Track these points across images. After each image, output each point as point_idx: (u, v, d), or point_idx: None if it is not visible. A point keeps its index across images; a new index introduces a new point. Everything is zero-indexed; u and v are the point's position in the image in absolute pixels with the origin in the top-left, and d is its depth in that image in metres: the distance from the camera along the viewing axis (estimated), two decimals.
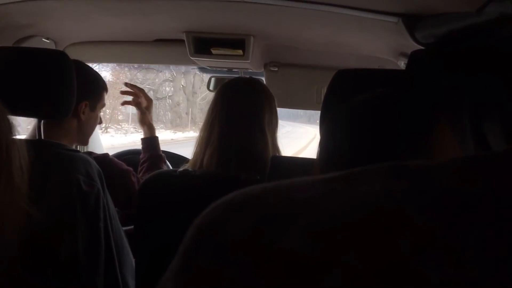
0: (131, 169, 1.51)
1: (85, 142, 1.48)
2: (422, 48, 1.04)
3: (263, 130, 1.24)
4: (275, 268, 0.24)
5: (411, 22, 1.02)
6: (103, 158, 1.40)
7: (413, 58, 0.95)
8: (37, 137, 1.18)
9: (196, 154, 1.25)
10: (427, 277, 0.22)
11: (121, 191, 1.42)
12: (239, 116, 1.24)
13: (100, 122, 1.52)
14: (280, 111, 1.42)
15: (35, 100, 1.12)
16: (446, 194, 0.25)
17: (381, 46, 1.45)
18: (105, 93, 1.49)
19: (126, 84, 1.75)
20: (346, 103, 0.69)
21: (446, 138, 0.59)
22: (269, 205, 0.27)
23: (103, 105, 1.48)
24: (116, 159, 1.50)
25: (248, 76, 1.95)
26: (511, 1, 0.66)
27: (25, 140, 1.22)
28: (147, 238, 1.21)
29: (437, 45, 0.98)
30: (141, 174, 1.58)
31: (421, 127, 0.58)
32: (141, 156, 1.65)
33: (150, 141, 1.67)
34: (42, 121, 1.19)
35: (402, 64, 1.42)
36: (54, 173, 1.11)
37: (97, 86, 1.44)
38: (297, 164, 1.17)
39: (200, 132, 1.28)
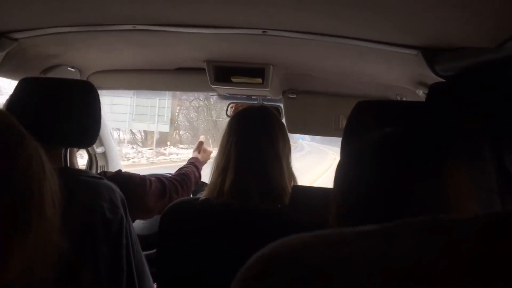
0: (144, 176, 1.53)
1: None
2: (442, 80, 1.05)
3: (278, 156, 1.26)
4: None
5: (431, 55, 1.03)
6: (117, 174, 1.42)
7: (433, 90, 0.96)
8: (63, 165, 1.21)
9: (213, 182, 1.27)
10: None
11: (140, 199, 1.44)
12: (254, 144, 1.26)
13: None
14: None
15: (62, 129, 1.15)
16: (475, 253, 0.26)
17: (400, 75, 1.46)
18: None
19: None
20: (366, 137, 0.70)
21: (461, 179, 0.59)
22: (307, 263, 0.28)
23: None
24: (129, 172, 1.52)
25: (259, 104, 1.98)
26: None
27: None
28: (169, 264, 1.23)
29: (457, 78, 0.99)
30: (175, 173, 1.70)
31: (437, 167, 0.58)
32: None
33: (196, 160, 1.81)
34: (68, 149, 1.22)
35: (420, 93, 1.43)
36: (78, 200, 1.13)
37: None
38: (318, 194, 1.18)
39: (216, 160, 1.30)
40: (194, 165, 1.79)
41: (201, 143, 1.92)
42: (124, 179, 1.43)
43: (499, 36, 0.78)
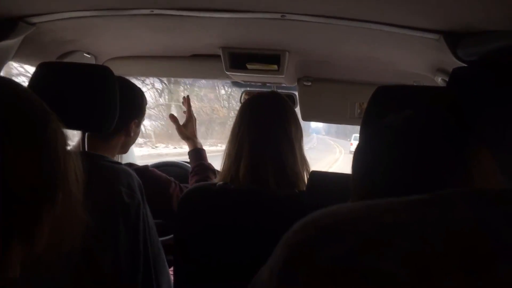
0: (171, 178, 1.55)
1: (125, 152, 1.53)
2: (464, 65, 1.03)
3: (291, 142, 1.26)
4: None
5: (454, 39, 1.01)
6: (144, 170, 1.44)
7: (455, 75, 0.94)
8: (81, 149, 1.21)
9: (227, 168, 1.27)
10: None
11: (162, 201, 1.45)
12: (267, 129, 1.26)
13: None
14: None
15: (81, 113, 1.15)
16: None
17: (419, 62, 1.44)
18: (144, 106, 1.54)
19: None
20: (388, 120, 0.69)
21: (486, 160, 0.58)
22: (361, 230, 0.28)
23: (144, 119, 1.52)
24: (156, 170, 1.54)
25: (269, 91, 1.97)
26: None
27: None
28: (186, 249, 1.23)
29: (480, 62, 0.97)
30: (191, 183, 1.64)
31: (462, 148, 0.58)
32: (191, 168, 1.72)
33: (195, 153, 1.74)
34: (86, 133, 1.22)
35: (439, 80, 1.41)
36: (96, 184, 1.14)
37: (143, 104, 1.49)
38: (336, 179, 1.18)
39: (228, 147, 1.30)
40: (204, 166, 1.72)
41: (174, 118, 1.81)
42: (150, 176, 1.44)
43: None
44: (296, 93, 2.04)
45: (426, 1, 0.90)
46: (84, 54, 1.65)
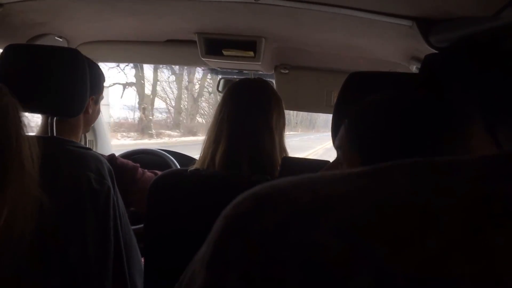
0: (137, 165, 1.53)
1: (87, 130, 1.52)
2: (436, 52, 1.03)
3: (271, 130, 1.25)
4: (305, 263, 0.24)
5: (426, 25, 1.01)
6: (110, 159, 1.41)
7: (427, 61, 0.94)
8: (49, 134, 1.18)
9: (204, 154, 1.26)
10: (456, 275, 0.22)
11: (130, 189, 1.43)
12: (248, 116, 1.24)
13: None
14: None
15: (49, 97, 1.12)
16: (472, 193, 0.25)
17: (393, 50, 1.44)
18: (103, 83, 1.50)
19: None
20: (373, 102, 0.69)
21: (481, 140, 0.58)
22: (298, 200, 0.27)
23: (103, 97, 1.49)
24: (121, 159, 1.51)
25: (256, 77, 1.95)
26: None
27: (37, 137, 1.23)
28: (157, 236, 1.22)
29: (451, 48, 0.97)
30: None
31: (456, 130, 0.57)
32: None
33: None
34: (55, 118, 1.19)
35: (413, 68, 1.41)
36: (65, 170, 1.12)
37: (101, 81, 1.45)
38: (308, 165, 1.17)
39: (208, 132, 1.29)
40: None
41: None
42: (116, 165, 1.42)
43: (496, 4, 0.77)
44: (274, 81, 2.02)
45: None
46: (56, 37, 1.61)
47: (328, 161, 1.17)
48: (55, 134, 1.19)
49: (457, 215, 0.24)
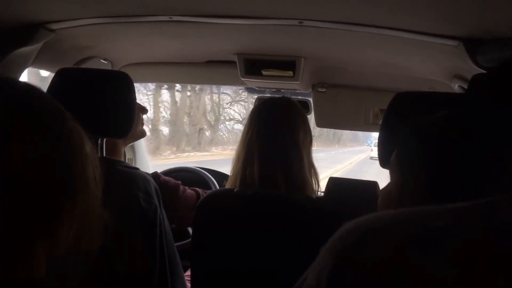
0: (179, 182, 1.55)
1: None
2: (484, 72, 1.03)
3: (298, 148, 1.26)
4: None
5: (473, 45, 1.01)
6: (153, 178, 1.44)
7: (475, 81, 0.93)
8: (99, 155, 1.22)
9: (235, 172, 1.28)
10: None
11: (173, 206, 1.46)
12: (275, 135, 1.26)
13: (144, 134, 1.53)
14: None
15: (100, 120, 1.16)
16: None
17: (436, 68, 1.43)
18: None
19: None
20: (421, 125, 0.68)
21: None
22: (407, 232, 0.28)
23: (141, 108, 1.49)
24: (164, 176, 1.55)
25: (281, 96, 1.97)
26: None
27: None
28: (203, 255, 1.23)
29: (500, 68, 0.96)
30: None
31: (502, 152, 0.57)
32: None
33: None
34: (105, 139, 1.23)
35: (456, 86, 1.40)
36: (114, 190, 1.15)
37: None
38: (356, 186, 1.17)
39: (237, 151, 1.31)
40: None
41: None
42: (159, 182, 1.44)
43: None
44: (311, 99, 2.04)
45: (445, 7, 0.90)
46: (101, 60, 1.67)
47: (376, 182, 1.16)
48: (104, 154, 1.23)
49: None
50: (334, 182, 1.19)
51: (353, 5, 0.98)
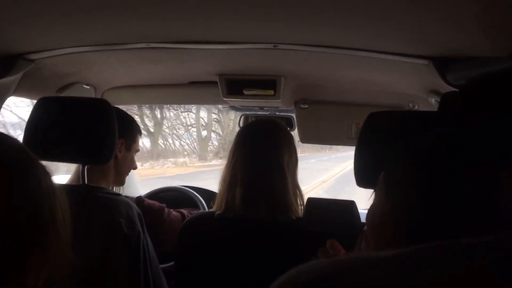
0: (163, 206, 1.56)
1: (121, 182, 1.54)
2: (455, 90, 1.05)
3: (283, 170, 1.27)
4: None
5: (442, 64, 1.03)
6: (137, 202, 1.45)
7: (445, 99, 0.96)
8: (81, 182, 1.23)
9: (221, 195, 1.29)
10: None
11: (158, 231, 1.46)
12: (259, 158, 1.28)
13: (135, 167, 1.58)
14: None
15: (80, 147, 1.17)
16: (501, 276, 0.27)
17: (412, 84, 1.46)
18: (139, 137, 1.55)
19: None
20: (410, 146, 0.69)
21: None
22: (345, 285, 0.29)
23: (138, 149, 1.54)
24: (148, 200, 1.56)
25: (267, 115, 1.99)
26: None
27: (69, 186, 1.28)
28: (188, 277, 1.24)
29: (469, 87, 0.99)
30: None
31: (490, 171, 0.57)
32: None
33: None
34: (86, 166, 1.24)
35: (433, 101, 1.43)
36: (97, 216, 1.16)
37: (132, 127, 1.51)
38: (333, 206, 1.19)
39: (223, 173, 1.33)
40: None
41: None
42: (143, 207, 1.46)
43: (509, 46, 0.79)
44: (294, 115, 2.06)
45: (414, 29, 0.92)
46: (84, 85, 1.68)
47: (353, 201, 1.18)
48: (86, 182, 1.24)
49: None
50: (312, 203, 1.20)
51: (324, 29, 1.00)
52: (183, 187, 2.15)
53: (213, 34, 1.10)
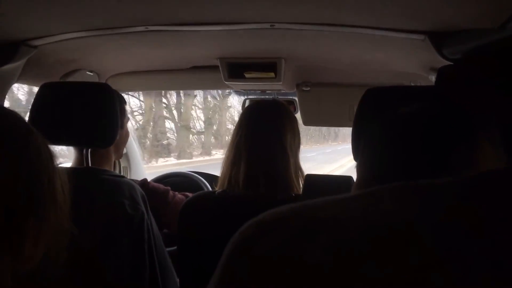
0: (168, 188, 1.58)
1: (120, 155, 1.57)
2: (450, 63, 1.06)
3: (285, 150, 1.29)
4: (303, 282, 0.27)
5: (438, 39, 1.04)
6: (142, 185, 1.47)
7: (441, 74, 0.96)
8: (84, 165, 1.25)
9: (224, 175, 1.31)
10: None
11: (163, 212, 1.49)
12: (262, 138, 1.29)
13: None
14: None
15: (84, 131, 1.20)
16: (452, 214, 0.28)
17: (411, 62, 1.46)
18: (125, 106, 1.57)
19: None
20: (386, 117, 0.71)
21: (487, 153, 0.59)
22: (294, 225, 0.31)
23: (128, 119, 1.56)
24: (153, 183, 1.58)
25: (271, 98, 2.00)
26: None
27: (73, 168, 1.30)
28: (190, 257, 1.26)
29: (464, 60, 0.99)
30: None
31: (465, 142, 0.59)
32: None
33: None
34: (89, 149, 1.26)
35: (433, 78, 1.43)
36: (100, 198, 1.18)
37: (121, 103, 1.52)
38: (331, 181, 1.20)
39: (227, 153, 1.34)
40: None
41: None
42: (148, 189, 1.48)
43: (501, 16, 0.79)
44: (296, 98, 2.06)
45: (408, 4, 0.93)
46: (87, 72, 1.71)
47: (351, 176, 1.19)
48: (90, 165, 1.26)
49: (434, 237, 0.27)
50: (311, 179, 1.22)
51: (320, 6, 1.01)
52: (188, 172, 2.18)
53: (210, 14, 1.11)
